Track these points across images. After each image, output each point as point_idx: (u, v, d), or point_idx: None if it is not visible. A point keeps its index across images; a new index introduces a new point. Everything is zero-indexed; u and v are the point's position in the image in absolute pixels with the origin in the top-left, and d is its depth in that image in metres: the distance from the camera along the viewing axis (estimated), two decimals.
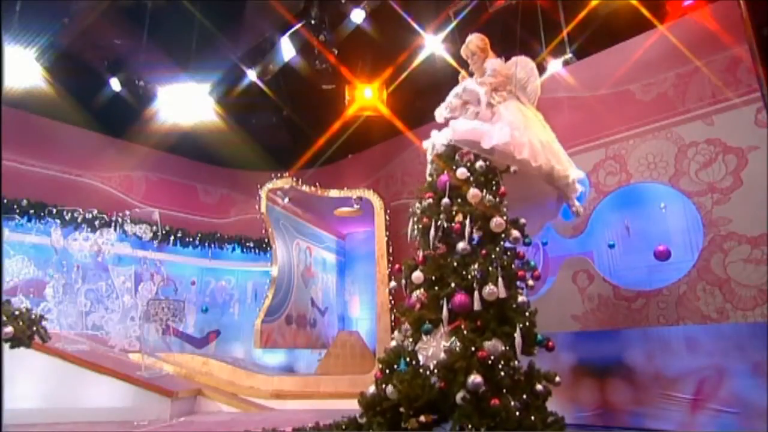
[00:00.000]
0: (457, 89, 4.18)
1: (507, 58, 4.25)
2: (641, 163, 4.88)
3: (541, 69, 6.38)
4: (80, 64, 7.74)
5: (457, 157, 3.69)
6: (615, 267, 5.02)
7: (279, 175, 8.02)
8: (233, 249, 9.47)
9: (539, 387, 3.05)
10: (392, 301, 7.01)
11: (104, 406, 5.33)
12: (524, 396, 2.97)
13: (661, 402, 4.22)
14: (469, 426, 2.74)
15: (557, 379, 3.15)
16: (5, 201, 6.95)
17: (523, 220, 3.58)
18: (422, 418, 2.92)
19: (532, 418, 2.87)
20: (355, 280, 9.71)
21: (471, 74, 4.28)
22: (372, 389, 3.23)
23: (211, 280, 9.44)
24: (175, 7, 7.21)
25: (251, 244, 9.44)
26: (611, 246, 5.03)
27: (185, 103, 8.16)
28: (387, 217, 7.58)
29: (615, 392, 4.50)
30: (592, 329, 4.85)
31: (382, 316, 7.13)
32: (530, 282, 3.41)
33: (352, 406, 3.57)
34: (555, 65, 6.42)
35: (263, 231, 8.37)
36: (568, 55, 6.52)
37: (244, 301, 9.49)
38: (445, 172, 3.62)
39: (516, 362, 3.01)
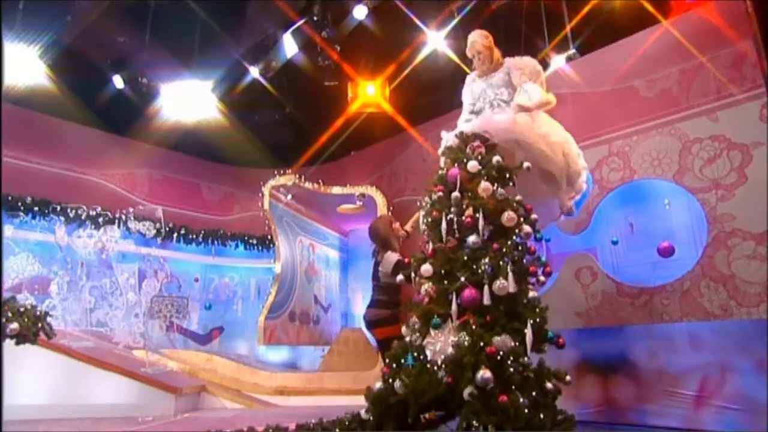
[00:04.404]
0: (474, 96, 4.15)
1: (510, 56, 4.24)
2: (645, 160, 4.86)
3: (545, 65, 6.37)
4: (83, 61, 7.75)
5: (468, 150, 3.61)
6: (618, 264, 5.01)
7: (282, 172, 8.03)
8: (236, 246, 9.49)
9: (549, 385, 2.98)
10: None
11: (109, 402, 5.36)
12: (533, 393, 2.90)
13: (665, 399, 4.22)
14: (477, 423, 2.68)
15: (567, 377, 3.09)
16: (9, 198, 6.99)
17: (534, 216, 3.51)
18: (427, 415, 2.90)
19: (542, 416, 2.80)
20: (358, 277, 9.71)
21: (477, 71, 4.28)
22: (379, 384, 3.19)
23: (215, 277, 9.46)
24: (178, 5, 7.22)
25: (254, 242, 9.45)
26: (615, 243, 5.01)
27: (188, 100, 8.16)
28: (390, 214, 7.58)
29: (618, 389, 4.50)
30: (596, 326, 4.85)
31: None
32: (541, 278, 3.34)
33: (356, 402, 3.57)
34: (558, 61, 6.40)
35: (266, 228, 8.39)
36: (572, 51, 6.50)
37: (247, 298, 9.51)
38: (456, 164, 3.53)
39: (525, 359, 2.94)
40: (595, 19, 6.51)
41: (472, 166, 3.42)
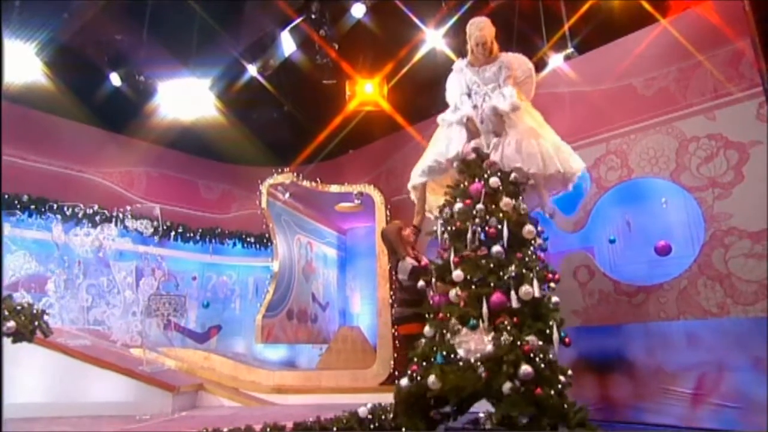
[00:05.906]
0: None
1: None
2: (642, 158, 4.87)
3: (543, 64, 6.38)
4: (81, 59, 7.72)
5: (484, 165, 3.90)
6: (616, 262, 5.02)
7: (280, 170, 8.02)
8: (234, 244, 9.48)
9: (562, 378, 3.25)
10: (393, 297, 7.02)
11: (106, 401, 5.36)
12: (558, 386, 3.19)
13: (662, 397, 4.23)
14: (515, 414, 3.00)
15: (569, 372, 3.32)
16: (6, 197, 6.96)
17: (542, 228, 3.82)
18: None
19: (564, 406, 3.09)
20: (356, 276, 9.72)
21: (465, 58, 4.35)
22: (405, 382, 3.40)
23: (213, 276, 9.45)
24: (175, 2, 7.20)
25: (252, 240, 9.44)
26: (612, 241, 5.03)
27: (186, 98, 8.14)
28: (388, 213, 7.58)
29: (615, 387, 4.52)
30: (593, 324, 4.86)
31: (383, 312, 7.14)
32: (552, 284, 3.61)
33: (353, 400, 3.59)
34: (556, 60, 6.40)
35: (264, 226, 8.38)
36: (570, 50, 6.50)
37: (245, 297, 9.51)
38: (477, 179, 3.83)
39: (551, 355, 3.25)
40: (593, 18, 6.52)
41: (494, 182, 3.76)
